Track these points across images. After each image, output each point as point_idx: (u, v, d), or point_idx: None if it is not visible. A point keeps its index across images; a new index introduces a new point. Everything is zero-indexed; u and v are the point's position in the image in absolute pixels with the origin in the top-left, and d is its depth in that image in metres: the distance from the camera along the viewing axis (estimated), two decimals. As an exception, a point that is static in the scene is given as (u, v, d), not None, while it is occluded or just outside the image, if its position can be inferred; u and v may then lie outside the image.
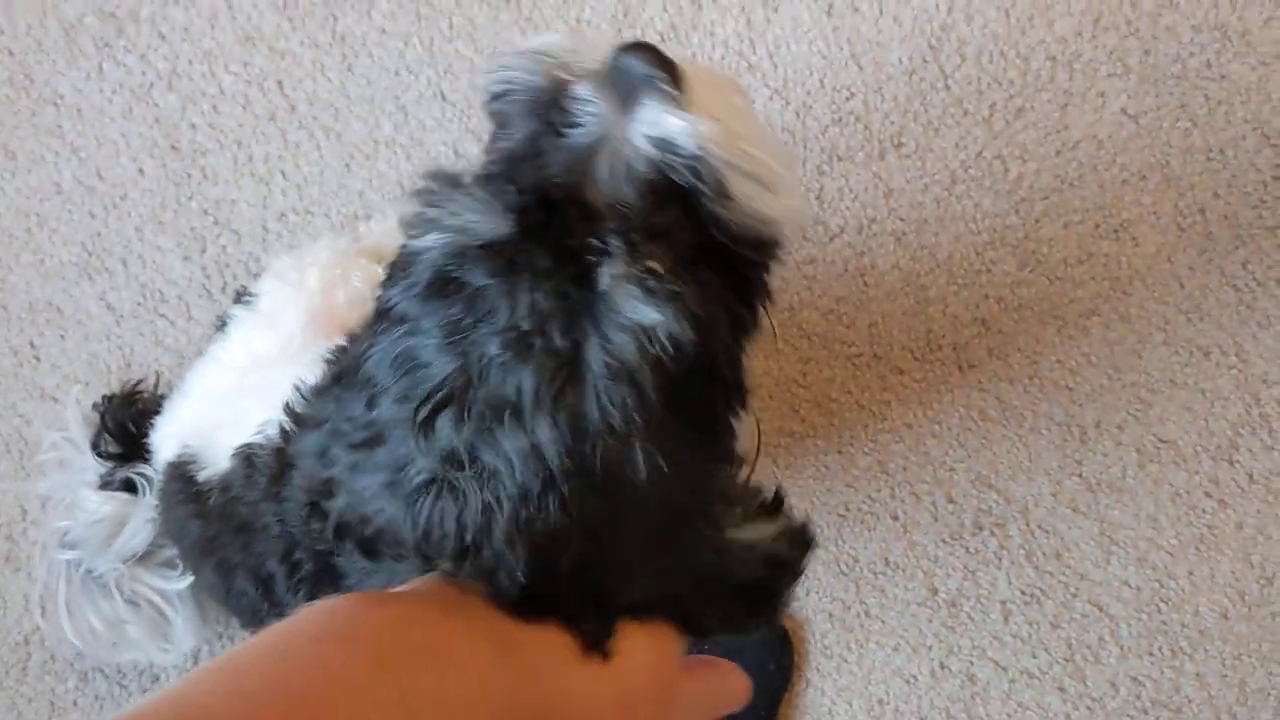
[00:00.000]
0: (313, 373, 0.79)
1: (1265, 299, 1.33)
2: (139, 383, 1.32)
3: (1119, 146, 1.34)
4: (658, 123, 0.64)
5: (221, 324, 1.17)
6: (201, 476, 0.99)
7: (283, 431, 0.81)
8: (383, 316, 0.68)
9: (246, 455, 0.90)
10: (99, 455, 1.22)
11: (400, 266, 0.68)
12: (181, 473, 1.02)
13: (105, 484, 1.20)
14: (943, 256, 1.34)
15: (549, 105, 0.66)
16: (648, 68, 0.64)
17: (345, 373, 0.73)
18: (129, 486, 1.19)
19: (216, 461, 0.97)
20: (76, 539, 1.16)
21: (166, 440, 1.10)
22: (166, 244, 1.37)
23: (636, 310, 0.60)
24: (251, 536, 0.90)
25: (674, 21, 1.36)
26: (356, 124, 1.37)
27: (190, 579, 1.15)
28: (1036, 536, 1.33)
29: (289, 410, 0.79)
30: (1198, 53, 1.34)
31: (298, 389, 0.79)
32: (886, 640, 1.34)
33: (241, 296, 1.17)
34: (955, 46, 1.35)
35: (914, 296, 1.34)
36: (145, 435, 1.19)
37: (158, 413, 1.18)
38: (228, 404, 1.03)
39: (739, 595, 0.74)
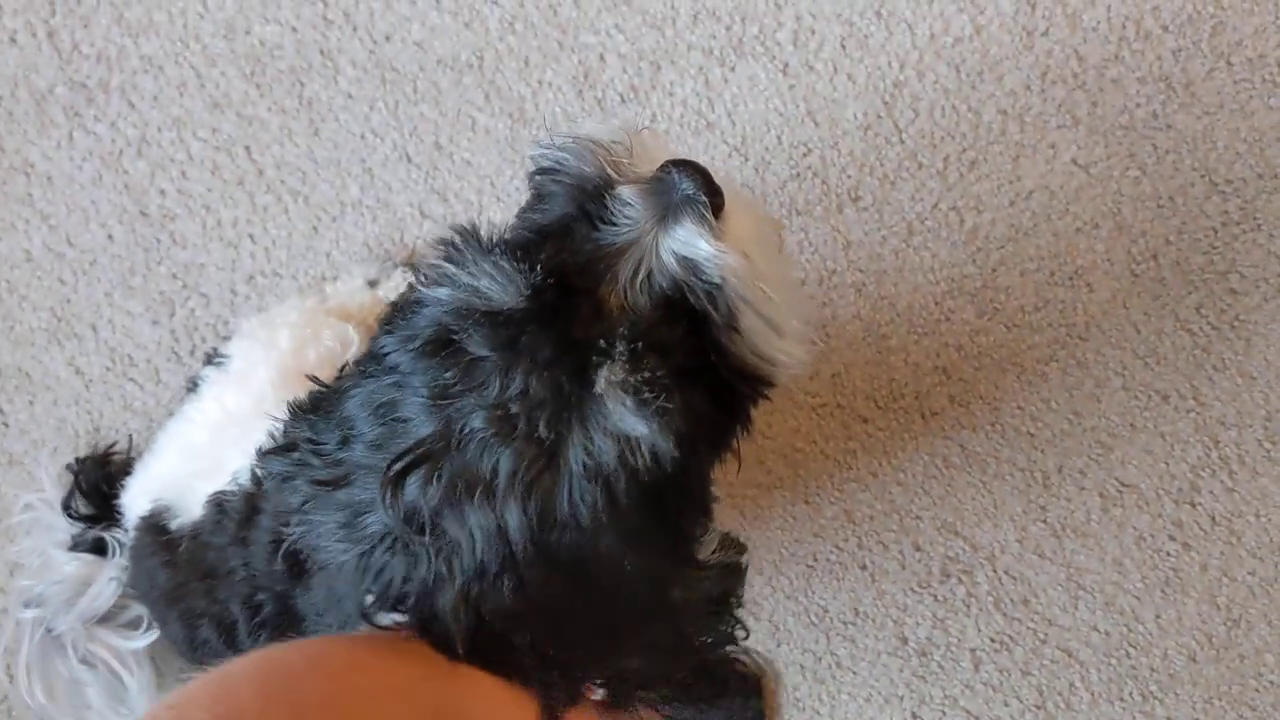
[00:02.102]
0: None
1: (1219, 343, 1.35)
2: (113, 445, 1.33)
3: (1071, 196, 1.37)
4: (689, 244, 0.66)
5: (193, 385, 1.18)
6: (174, 525, 1.00)
7: (254, 476, 0.82)
8: (373, 360, 0.70)
9: (218, 501, 0.91)
10: (70, 516, 1.22)
11: (402, 312, 0.70)
12: (153, 525, 1.03)
13: (75, 545, 1.21)
14: (902, 306, 1.36)
15: (591, 196, 0.68)
16: (694, 189, 0.66)
17: (323, 402, 0.74)
18: (99, 548, 1.19)
19: (190, 510, 0.98)
20: (40, 597, 1.16)
21: (138, 499, 1.11)
22: (136, 308, 1.39)
23: (625, 420, 0.62)
24: (216, 582, 0.91)
25: (634, 82, 1.39)
26: (323, 187, 1.39)
27: (149, 637, 1.15)
28: (1004, 583, 1.34)
29: (261, 452, 0.80)
30: (1144, 104, 1.37)
31: (271, 434, 0.80)
32: (858, 691, 1.34)
33: (212, 358, 1.19)
34: (909, 102, 1.38)
35: (875, 346, 1.36)
36: (117, 496, 1.19)
37: (129, 474, 1.19)
38: (205, 455, 1.04)
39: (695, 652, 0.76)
